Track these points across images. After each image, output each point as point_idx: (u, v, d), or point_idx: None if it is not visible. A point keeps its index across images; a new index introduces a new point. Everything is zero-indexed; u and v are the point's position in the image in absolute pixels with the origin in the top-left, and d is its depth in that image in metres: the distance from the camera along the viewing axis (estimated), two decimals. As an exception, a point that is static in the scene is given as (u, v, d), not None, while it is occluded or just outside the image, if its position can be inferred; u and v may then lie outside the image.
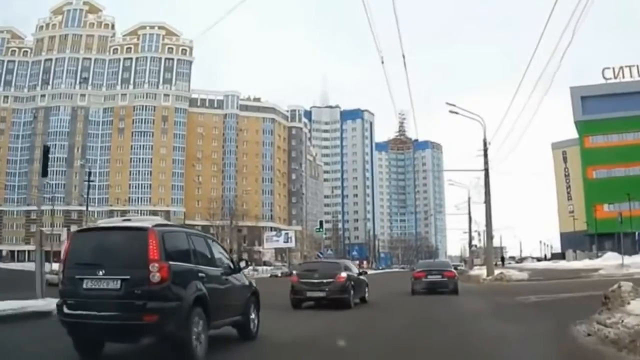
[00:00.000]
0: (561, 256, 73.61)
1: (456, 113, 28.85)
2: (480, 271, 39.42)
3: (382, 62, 13.48)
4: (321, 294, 14.44)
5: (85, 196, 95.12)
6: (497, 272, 30.53)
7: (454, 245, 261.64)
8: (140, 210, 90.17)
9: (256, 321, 8.77)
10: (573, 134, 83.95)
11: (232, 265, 8.36)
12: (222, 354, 7.57)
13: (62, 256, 6.76)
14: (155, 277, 6.15)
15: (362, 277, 17.17)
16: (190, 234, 7.58)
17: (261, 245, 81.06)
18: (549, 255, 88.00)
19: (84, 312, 6.17)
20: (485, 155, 29.78)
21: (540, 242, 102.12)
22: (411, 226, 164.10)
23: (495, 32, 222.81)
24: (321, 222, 42.63)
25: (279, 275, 54.22)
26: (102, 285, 6.21)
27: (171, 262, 6.40)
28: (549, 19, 11.71)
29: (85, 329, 6.28)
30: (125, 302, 6.08)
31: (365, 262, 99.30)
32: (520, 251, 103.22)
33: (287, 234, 61.66)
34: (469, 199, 51.03)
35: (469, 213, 51.34)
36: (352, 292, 14.85)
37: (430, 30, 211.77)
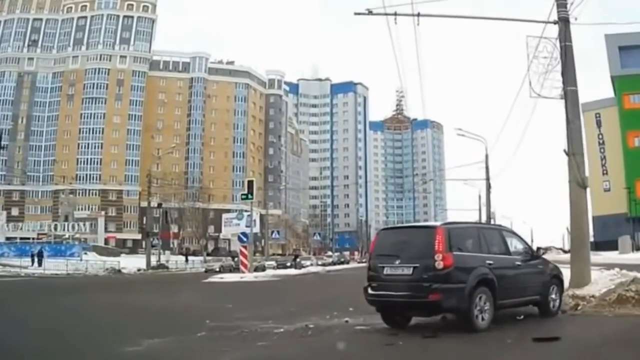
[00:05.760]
0: (595, 246, 58.96)
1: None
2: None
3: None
4: None
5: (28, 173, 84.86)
6: (607, 275, 11.19)
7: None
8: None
9: (558, 301, 9.44)
10: (608, 92, 69.77)
11: (531, 253, 9.36)
12: (516, 325, 8.44)
13: (369, 249, 9.50)
14: (440, 264, 7.62)
15: None
16: (483, 228, 9.59)
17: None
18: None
19: (384, 292, 8.08)
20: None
21: (567, 229, 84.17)
22: (409, 213, 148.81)
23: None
24: (250, 183, 27.81)
25: (217, 269, 40.19)
26: (398, 272, 7.99)
27: (456, 253, 7.79)
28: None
29: (386, 305, 8.32)
30: (415, 284, 7.70)
31: (356, 253, 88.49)
32: (532, 240, 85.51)
33: (249, 216, 45.28)
34: (487, 156, 35.56)
35: (487, 176, 35.79)
36: None
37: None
